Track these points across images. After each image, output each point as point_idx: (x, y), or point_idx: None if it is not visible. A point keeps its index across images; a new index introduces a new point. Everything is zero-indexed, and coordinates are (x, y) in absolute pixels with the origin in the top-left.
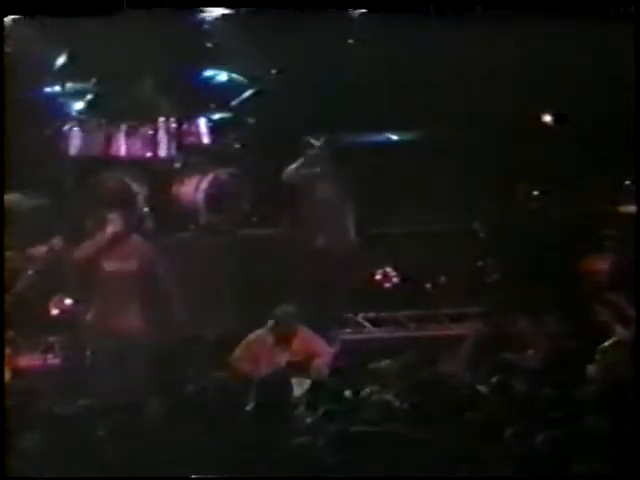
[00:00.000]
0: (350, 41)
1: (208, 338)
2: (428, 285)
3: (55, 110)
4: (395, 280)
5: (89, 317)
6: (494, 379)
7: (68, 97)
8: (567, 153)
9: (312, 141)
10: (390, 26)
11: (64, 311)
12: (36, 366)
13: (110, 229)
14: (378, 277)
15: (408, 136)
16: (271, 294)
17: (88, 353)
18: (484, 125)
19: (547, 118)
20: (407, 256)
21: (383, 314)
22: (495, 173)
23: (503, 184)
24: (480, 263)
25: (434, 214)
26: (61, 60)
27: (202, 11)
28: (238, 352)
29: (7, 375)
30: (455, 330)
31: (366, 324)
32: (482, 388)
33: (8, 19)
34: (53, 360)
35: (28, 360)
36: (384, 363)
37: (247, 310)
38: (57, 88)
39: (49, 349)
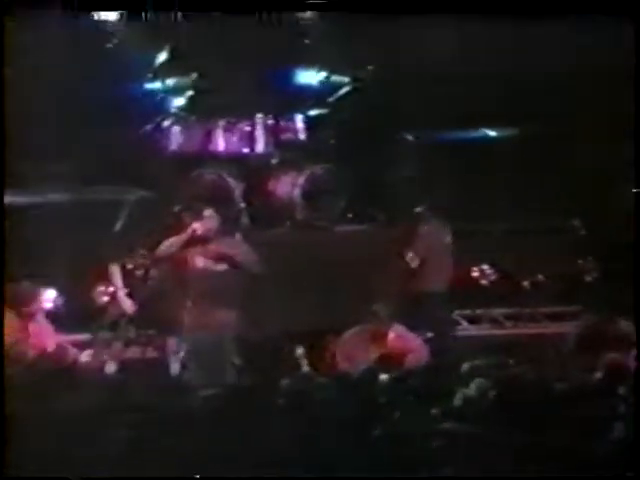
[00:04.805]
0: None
1: (303, 334)
2: (526, 283)
3: (155, 106)
4: (492, 277)
5: (184, 314)
6: (593, 379)
7: (168, 93)
8: None
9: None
10: (490, 24)
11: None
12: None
13: (202, 226)
14: (475, 274)
15: (507, 132)
16: (367, 291)
17: (183, 349)
18: (581, 123)
19: None
20: (505, 253)
21: (479, 311)
22: (595, 170)
23: (602, 181)
24: (580, 261)
25: (533, 211)
26: (162, 56)
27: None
28: (334, 349)
29: None
30: (553, 329)
31: (462, 321)
32: (582, 388)
33: (112, 15)
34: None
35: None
36: (479, 361)
37: (343, 307)
38: (158, 84)
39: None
